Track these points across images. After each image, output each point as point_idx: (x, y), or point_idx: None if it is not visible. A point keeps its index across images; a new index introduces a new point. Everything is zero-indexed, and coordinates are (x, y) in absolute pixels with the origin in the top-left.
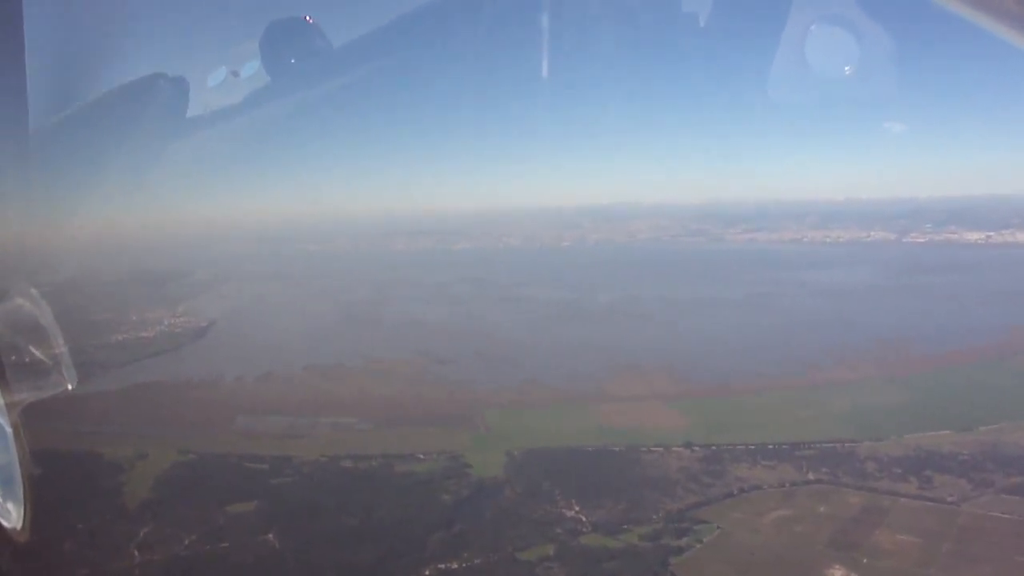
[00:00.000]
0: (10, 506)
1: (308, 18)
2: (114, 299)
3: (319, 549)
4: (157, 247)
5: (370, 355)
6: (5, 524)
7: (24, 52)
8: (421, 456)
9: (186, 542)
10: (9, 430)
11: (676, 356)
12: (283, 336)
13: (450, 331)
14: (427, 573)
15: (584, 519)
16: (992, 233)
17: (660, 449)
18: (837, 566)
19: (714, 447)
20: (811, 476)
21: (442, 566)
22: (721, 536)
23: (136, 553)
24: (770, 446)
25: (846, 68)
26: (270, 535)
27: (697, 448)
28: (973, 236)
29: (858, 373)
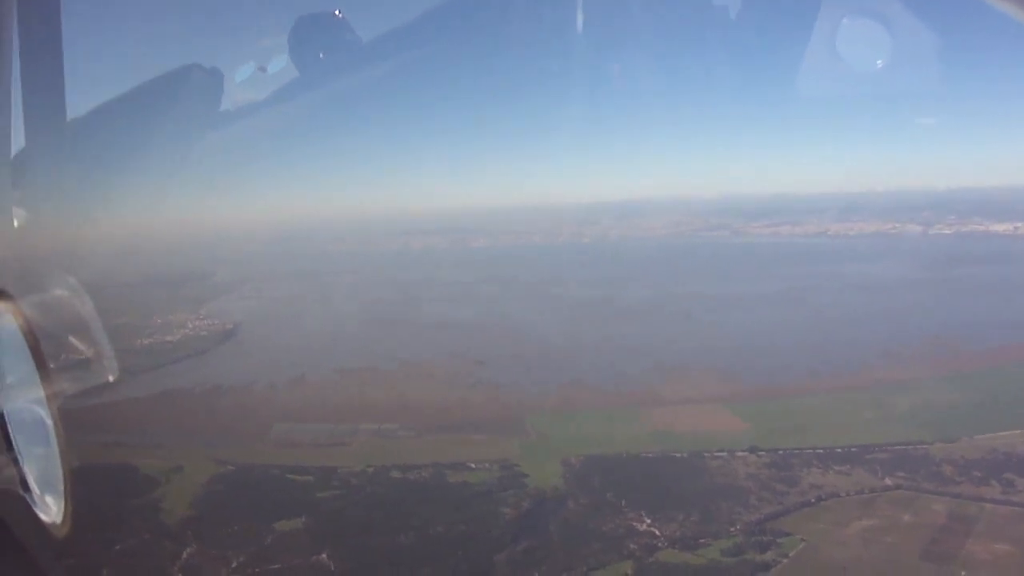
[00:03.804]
0: (50, 500)
1: (338, 12)
2: (135, 301)
3: (377, 571)
4: (173, 247)
5: (403, 357)
6: (45, 518)
7: (61, 43)
8: (472, 465)
9: (234, 564)
10: (50, 423)
11: (721, 355)
12: (311, 338)
13: (482, 331)
14: None
15: (658, 533)
16: (1020, 224)
17: (724, 455)
18: None
19: (780, 452)
20: (888, 482)
21: None
22: (807, 549)
23: None
24: (839, 450)
25: (878, 62)
26: (323, 555)
27: (763, 453)
28: (1000, 227)
29: (914, 371)
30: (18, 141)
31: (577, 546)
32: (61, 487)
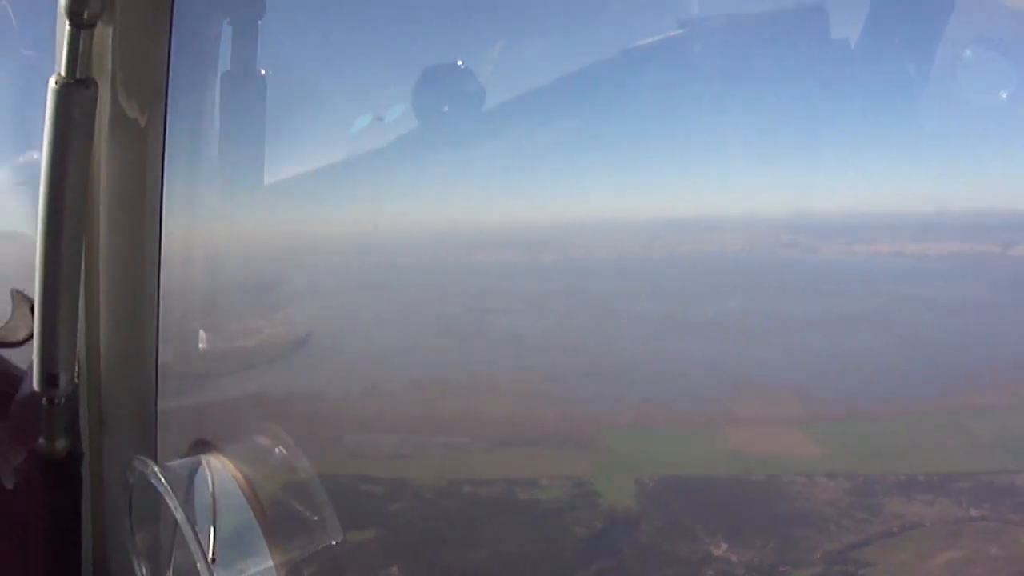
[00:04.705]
0: None
1: (460, 63)
2: (214, 307)
3: None
4: (249, 256)
5: (473, 370)
6: None
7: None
8: (544, 482)
9: (305, 574)
10: None
11: (797, 375)
12: (383, 348)
13: (552, 346)
14: None
15: (735, 559)
16: None
17: (803, 479)
18: None
19: (861, 477)
20: (973, 512)
21: None
22: None
23: None
24: (921, 477)
25: (1002, 95)
26: (394, 568)
27: (842, 478)
28: None
29: (998, 396)
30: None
31: (652, 570)
32: None
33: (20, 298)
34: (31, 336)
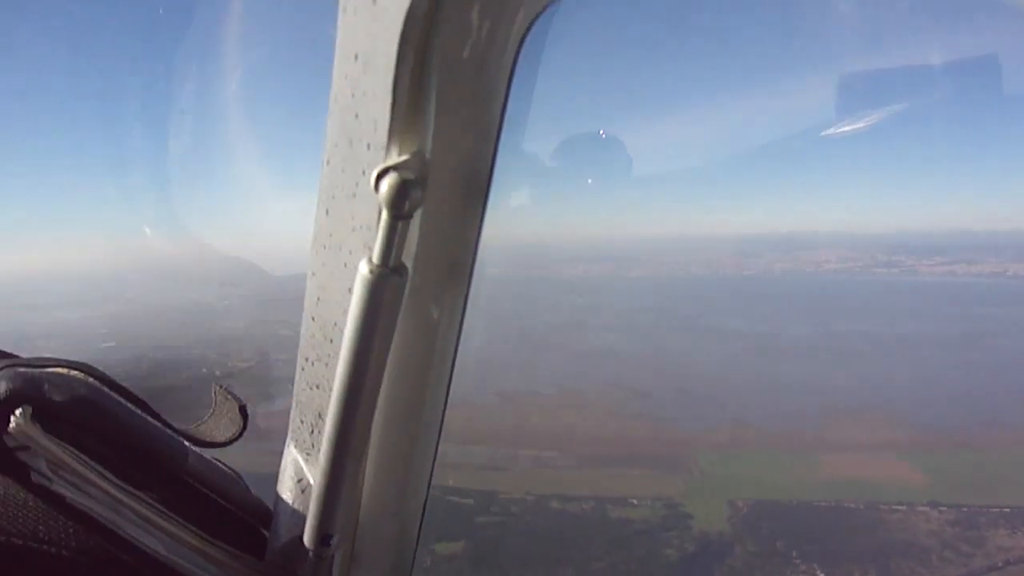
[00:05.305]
0: None
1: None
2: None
3: None
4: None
5: (562, 384)
6: None
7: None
8: (634, 501)
9: None
10: None
11: (894, 399)
12: (470, 360)
13: (642, 362)
14: None
15: None
16: None
17: (903, 508)
18: None
19: (964, 508)
20: None
21: None
22: None
23: None
24: None
25: None
26: None
27: (944, 508)
28: None
29: None
30: None
31: None
32: None
33: (223, 395)
34: (236, 438)
